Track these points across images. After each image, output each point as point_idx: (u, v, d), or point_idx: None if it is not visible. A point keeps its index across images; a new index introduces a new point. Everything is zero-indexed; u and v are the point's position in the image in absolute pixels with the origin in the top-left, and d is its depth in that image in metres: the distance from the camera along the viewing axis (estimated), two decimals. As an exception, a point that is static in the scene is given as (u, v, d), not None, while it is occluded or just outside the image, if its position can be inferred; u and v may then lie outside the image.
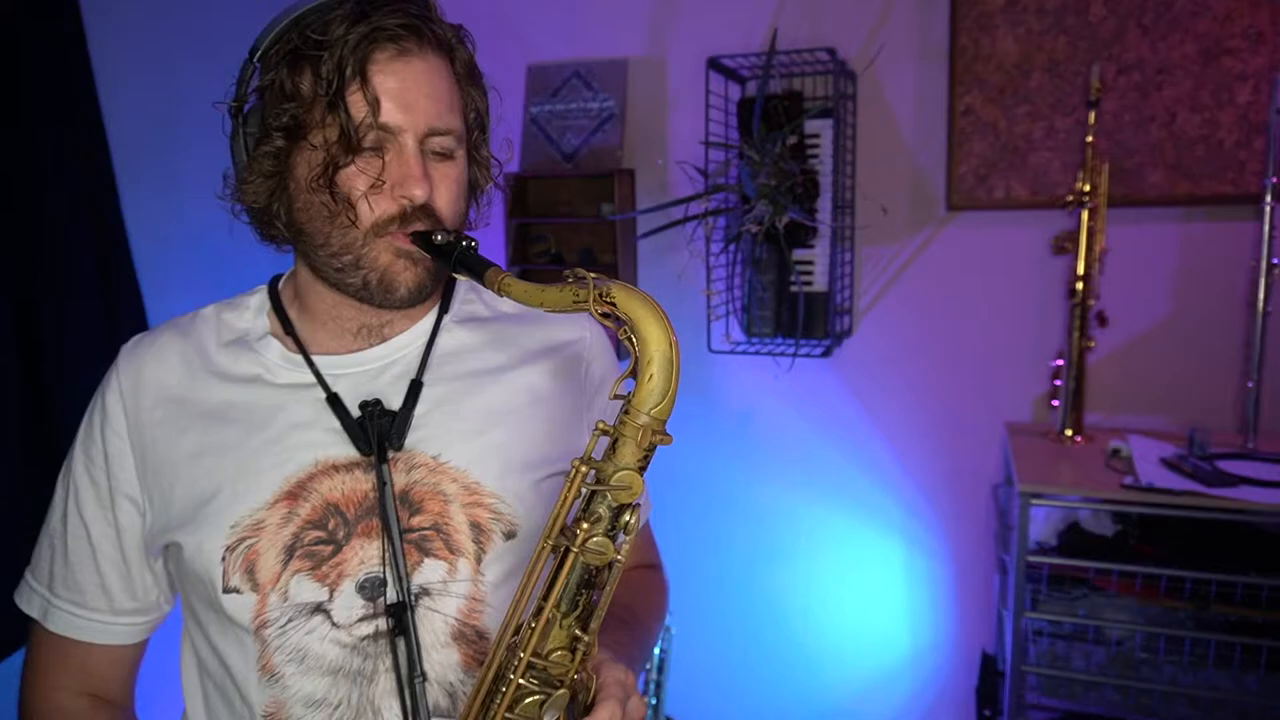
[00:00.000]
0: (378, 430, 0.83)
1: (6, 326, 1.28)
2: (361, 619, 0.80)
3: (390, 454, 0.83)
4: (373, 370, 0.87)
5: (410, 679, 0.80)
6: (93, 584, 0.86)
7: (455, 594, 0.83)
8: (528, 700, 0.73)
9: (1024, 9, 1.80)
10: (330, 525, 0.81)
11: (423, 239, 0.79)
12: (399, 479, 0.82)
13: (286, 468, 0.82)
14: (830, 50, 1.77)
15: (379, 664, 0.81)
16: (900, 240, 1.97)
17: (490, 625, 0.84)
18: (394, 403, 0.85)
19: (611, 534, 0.70)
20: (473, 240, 0.78)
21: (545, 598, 0.71)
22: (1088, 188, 1.70)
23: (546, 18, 2.12)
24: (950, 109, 1.87)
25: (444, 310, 0.93)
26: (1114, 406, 1.86)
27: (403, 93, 0.78)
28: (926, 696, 2.11)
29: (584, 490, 0.71)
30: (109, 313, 1.43)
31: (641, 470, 0.70)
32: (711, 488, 2.19)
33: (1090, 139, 1.69)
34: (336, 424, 0.83)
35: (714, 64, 1.85)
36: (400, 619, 0.80)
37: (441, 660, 0.83)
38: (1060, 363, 1.79)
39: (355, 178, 0.78)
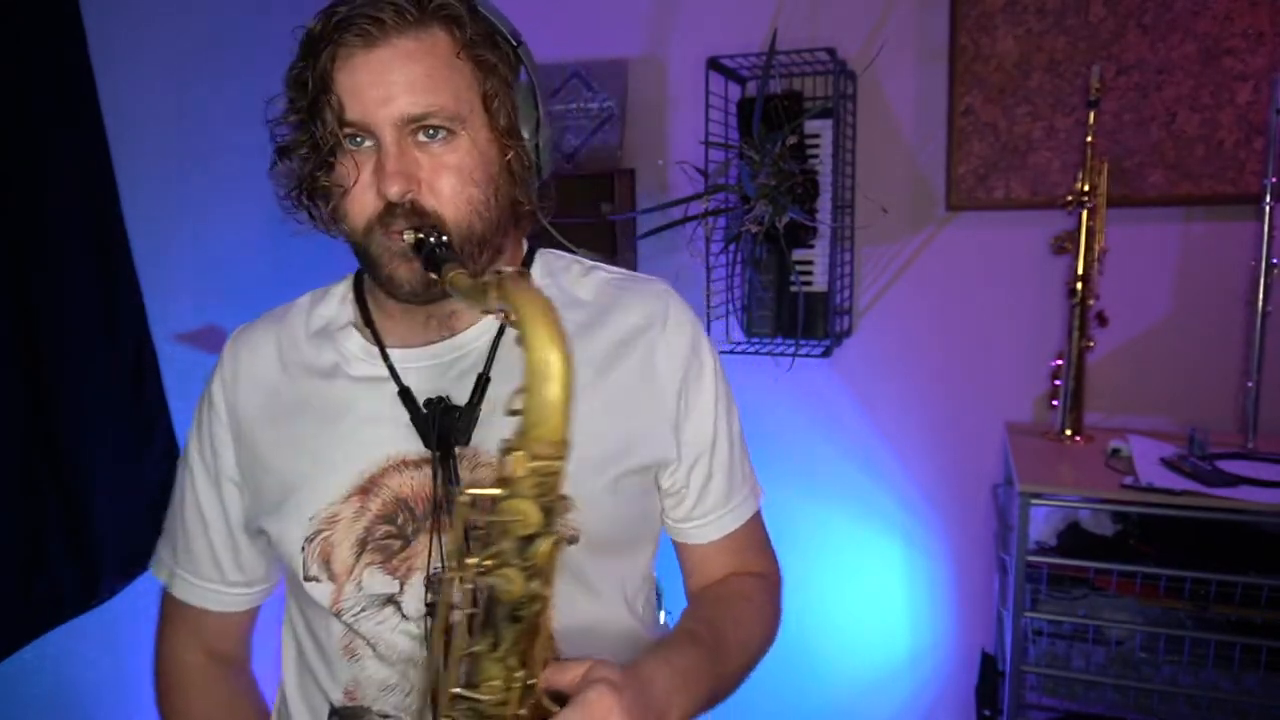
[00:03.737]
0: (443, 427, 0.82)
1: (6, 326, 1.28)
2: (429, 611, 0.82)
3: (456, 450, 0.82)
4: (443, 364, 0.86)
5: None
6: (205, 556, 0.92)
7: None
8: None
9: (1024, 9, 1.80)
10: (400, 520, 0.82)
11: (409, 234, 0.77)
12: (464, 476, 0.82)
13: (360, 462, 0.83)
14: (830, 50, 1.77)
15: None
16: (900, 240, 1.97)
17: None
18: (463, 398, 0.84)
19: (525, 566, 0.64)
20: (442, 236, 0.76)
21: (468, 630, 0.67)
22: (1088, 188, 1.70)
23: (546, 18, 2.12)
24: (950, 109, 1.87)
25: None
26: (1114, 406, 1.86)
27: (368, 86, 0.75)
28: (926, 696, 2.11)
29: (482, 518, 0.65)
30: (109, 313, 1.43)
31: (540, 497, 0.63)
32: (711, 488, 2.18)
33: (1090, 139, 1.69)
34: (408, 419, 0.83)
35: (714, 64, 1.84)
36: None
37: None
38: (1060, 363, 1.79)
39: (335, 186, 0.78)
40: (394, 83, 0.75)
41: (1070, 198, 1.72)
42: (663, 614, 1.15)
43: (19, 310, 1.29)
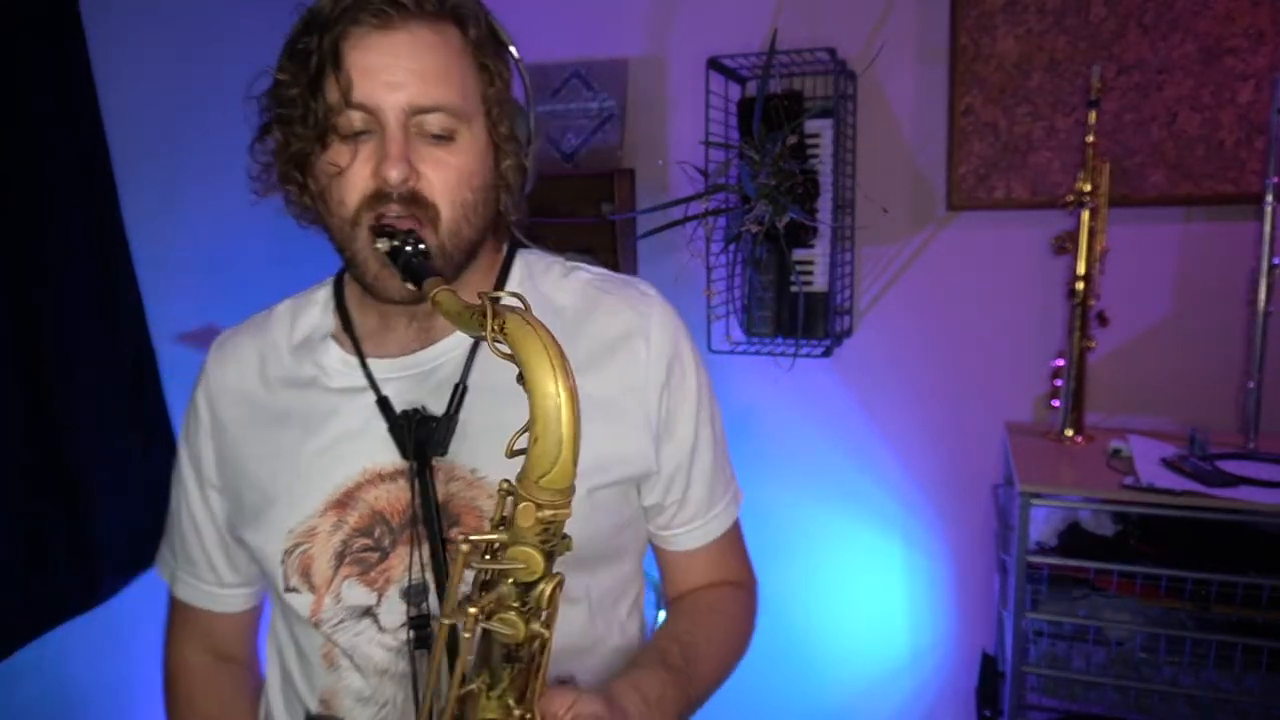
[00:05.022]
0: (419, 438, 0.80)
1: (6, 326, 1.28)
2: (404, 624, 0.81)
3: (434, 461, 0.81)
4: (422, 373, 0.85)
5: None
6: (201, 559, 0.93)
7: None
8: None
9: (1024, 9, 1.80)
10: (376, 533, 0.81)
11: (382, 242, 0.75)
12: (439, 489, 0.81)
13: (335, 476, 0.82)
14: (830, 50, 1.77)
15: (422, 666, 0.82)
16: (900, 240, 1.97)
17: None
18: (440, 408, 0.82)
19: (525, 610, 0.63)
20: (420, 244, 0.74)
21: (469, 674, 0.66)
22: (1088, 188, 1.69)
23: (546, 18, 2.12)
24: (950, 109, 1.87)
25: None
26: (1114, 406, 1.86)
27: (381, 69, 0.73)
28: (926, 696, 2.11)
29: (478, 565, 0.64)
30: (109, 314, 1.43)
31: (544, 544, 0.62)
32: (711, 488, 2.18)
33: (1090, 139, 1.68)
34: (385, 430, 0.82)
35: (714, 64, 1.84)
36: (421, 630, 0.80)
37: None
38: (1060, 363, 1.79)
39: (328, 166, 0.76)
40: (407, 69, 0.74)
41: (1071, 198, 1.71)
42: (660, 614, 1.13)
43: (19, 310, 1.29)
